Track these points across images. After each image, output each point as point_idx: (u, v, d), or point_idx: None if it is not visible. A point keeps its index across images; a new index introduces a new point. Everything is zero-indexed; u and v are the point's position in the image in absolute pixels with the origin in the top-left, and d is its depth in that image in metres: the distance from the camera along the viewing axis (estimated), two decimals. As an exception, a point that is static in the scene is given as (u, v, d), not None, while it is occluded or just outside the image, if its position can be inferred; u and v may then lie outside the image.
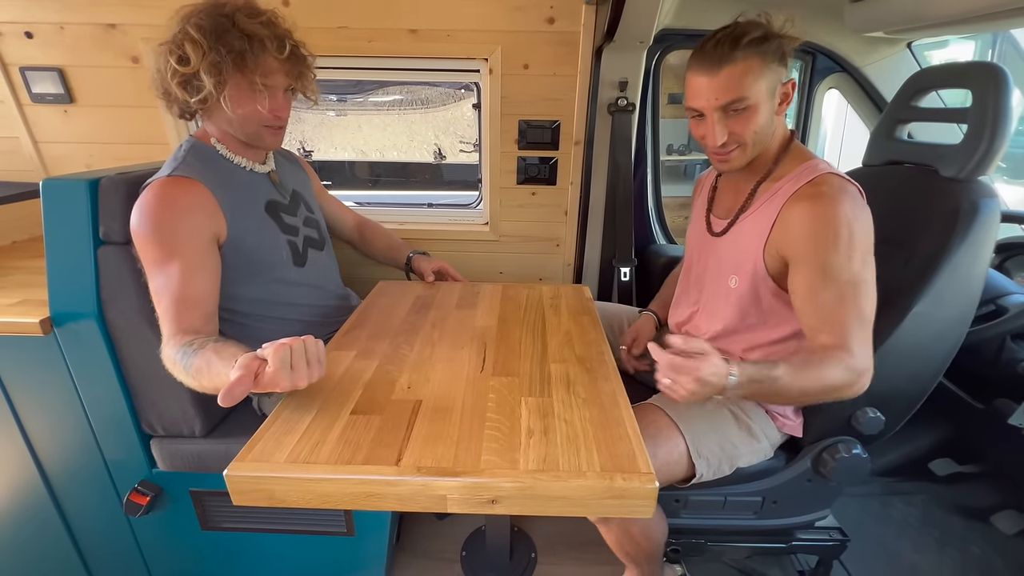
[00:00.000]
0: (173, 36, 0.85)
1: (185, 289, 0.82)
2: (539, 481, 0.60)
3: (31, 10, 1.34)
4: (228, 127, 0.95)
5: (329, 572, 1.22)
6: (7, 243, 1.39)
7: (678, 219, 2.06)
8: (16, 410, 1.05)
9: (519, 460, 0.62)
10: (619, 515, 0.67)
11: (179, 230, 0.84)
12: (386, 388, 0.78)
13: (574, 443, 0.66)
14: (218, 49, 0.83)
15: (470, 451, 0.64)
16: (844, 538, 1.11)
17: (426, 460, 0.62)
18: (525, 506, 0.61)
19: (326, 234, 1.20)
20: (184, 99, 0.87)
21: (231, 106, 0.88)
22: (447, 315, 1.07)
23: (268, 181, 1.06)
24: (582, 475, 0.60)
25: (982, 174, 0.90)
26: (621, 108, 1.44)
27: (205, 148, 0.97)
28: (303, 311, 1.08)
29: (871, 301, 0.80)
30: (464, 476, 0.60)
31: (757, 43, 0.82)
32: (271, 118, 0.94)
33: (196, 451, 1.06)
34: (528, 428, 0.69)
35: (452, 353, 0.90)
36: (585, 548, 1.34)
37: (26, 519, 1.16)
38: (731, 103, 0.83)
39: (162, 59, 0.86)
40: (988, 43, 2.50)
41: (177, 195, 0.86)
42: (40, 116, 1.47)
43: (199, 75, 0.84)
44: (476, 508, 0.61)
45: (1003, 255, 1.45)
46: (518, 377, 0.82)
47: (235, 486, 0.62)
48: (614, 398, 0.76)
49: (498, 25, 1.34)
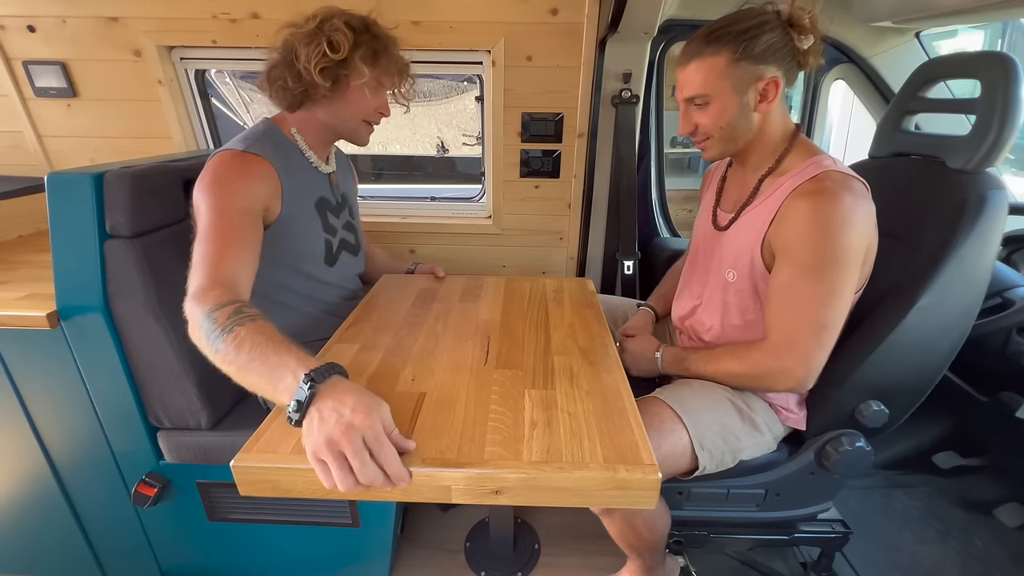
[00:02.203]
0: (318, 27, 0.92)
1: (230, 243, 0.80)
2: (542, 472, 0.60)
3: (33, 4, 1.34)
4: (331, 119, 1.01)
5: (334, 563, 1.23)
6: (13, 237, 1.40)
7: (682, 212, 2.05)
8: (25, 403, 1.06)
9: (523, 451, 0.63)
10: (622, 506, 0.68)
11: (237, 191, 0.86)
12: (390, 380, 0.78)
13: (577, 435, 0.66)
14: (366, 43, 0.94)
15: (474, 442, 0.64)
16: (847, 530, 1.11)
17: (430, 451, 0.62)
18: (528, 497, 0.61)
19: (362, 240, 1.24)
20: (319, 84, 0.93)
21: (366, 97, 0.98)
22: (451, 308, 1.07)
23: (326, 180, 1.11)
24: (585, 466, 0.61)
25: (990, 166, 0.89)
26: (625, 100, 1.43)
27: (280, 134, 1.01)
28: (321, 305, 1.10)
29: (837, 312, 0.82)
30: (468, 467, 0.60)
31: (734, 38, 0.81)
32: (376, 115, 1.04)
33: (202, 443, 1.07)
34: (532, 420, 0.69)
35: (456, 346, 0.90)
36: (588, 539, 1.35)
37: (36, 510, 1.18)
38: (693, 97, 0.88)
39: (305, 48, 0.91)
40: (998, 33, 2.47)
41: (246, 164, 0.90)
42: (43, 110, 1.47)
43: (348, 62, 0.93)
44: (480, 499, 0.61)
45: (1010, 248, 1.44)
46: (521, 370, 0.82)
47: (242, 477, 0.62)
48: (617, 390, 0.77)
49: (501, 16, 1.33)
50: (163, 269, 0.99)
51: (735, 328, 0.99)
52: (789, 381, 0.86)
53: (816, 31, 0.83)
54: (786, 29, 0.83)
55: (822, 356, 0.84)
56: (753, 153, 0.93)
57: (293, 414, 0.59)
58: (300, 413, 0.59)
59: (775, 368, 0.86)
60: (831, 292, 0.81)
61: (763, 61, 0.83)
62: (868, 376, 0.91)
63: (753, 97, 0.85)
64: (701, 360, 0.98)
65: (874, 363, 0.90)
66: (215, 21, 1.35)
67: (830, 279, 0.80)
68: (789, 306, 0.84)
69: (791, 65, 0.85)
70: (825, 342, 0.83)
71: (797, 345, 0.84)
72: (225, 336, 0.66)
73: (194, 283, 0.74)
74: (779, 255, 0.85)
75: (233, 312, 0.68)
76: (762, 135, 0.91)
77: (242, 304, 0.71)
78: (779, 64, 0.84)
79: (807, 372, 0.84)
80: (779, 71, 0.84)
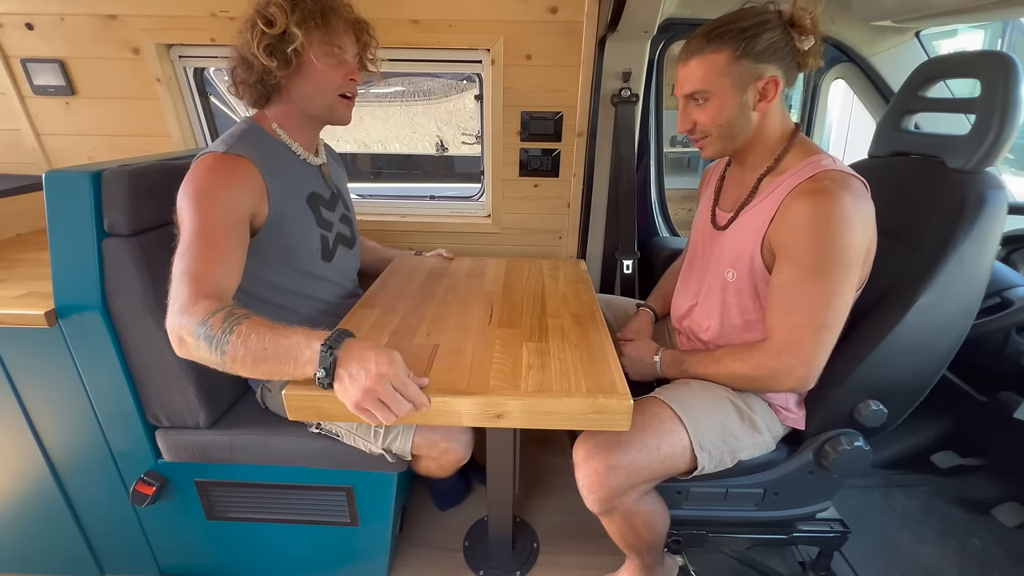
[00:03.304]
0: (256, 8, 0.90)
1: (211, 253, 0.81)
2: (537, 399, 0.73)
3: (32, 1, 1.34)
4: (303, 101, 0.98)
5: (333, 562, 1.23)
6: (11, 236, 1.40)
7: (681, 211, 2.05)
8: (23, 401, 1.06)
9: (520, 385, 0.76)
10: (601, 427, 0.76)
11: (219, 199, 0.85)
12: (409, 335, 0.91)
13: (565, 374, 0.79)
14: (302, 7, 0.89)
15: (480, 378, 0.76)
16: (845, 530, 1.11)
17: (445, 384, 0.74)
18: (524, 420, 0.74)
19: (357, 234, 1.22)
20: (268, 66, 0.90)
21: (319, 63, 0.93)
22: (458, 283, 1.18)
23: (318, 173, 1.09)
24: (571, 395, 0.74)
25: (989, 165, 0.89)
26: (624, 99, 1.43)
27: (262, 132, 0.99)
28: (319, 305, 1.09)
29: (839, 312, 0.82)
30: (476, 395, 0.73)
31: (735, 36, 0.81)
32: (345, 83, 0.98)
33: (200, 442, 1.07)
34: (528, 363, 0.82)
35: (463, 310, 1.03)
36: (587, 539, 1.35)
37: (34, 509, 1.18)
38: (693, 93, 0.89)
39: (247, 32, 0.90)
40: (998, 32, 2.47)
41: (227, 169, 0.88)
42: (42, 108, 1.47)
43: (288, 33, 0.88)
44: (485, 422, 0.74)
45: (1009, 247, 1.44)
46: (520, 328, 0.95)
47: (292, 403, 0.74)
48: (601, 343, 0.89)
49: (500, 15, 1.32)
50: (161, 267, 0.99)
51: (734, 328, 0.99)
52: (791, 381, 0.86)
53: (817, 32, 0.83)
54: (787, 29, 0.83)
55: (824, 356, 0.84)
56: (752, 152, 0.93)
57: (324, 380, 0.69)
58: (329, 377, 0.69)
59: (777, 368, 0.86)
60: (832, 292, 0.81)
61: (763, 60, 0.83)
62: (867, 376, 0.91)
63: (752, 96, 0.85)
64: (700, 362, 0.98)
65: (873, 363, 0.90)
66: (214, 19, 1.35)
67: (831, 279, 0.80)
68: (791, 307, 0.84)
69: (791, 65, 0.85)
70: (827, 342, 0.83)
71: (799, 346, 0.84)
72: (228, 337, 0.71)
73: (179, 298, 0.76)
74: (779, 255, 0.85)
75: (226, 315, 0.73)
76: (761, 134, 0.91)
77: (231, 306, 0.75)
78: (779, 64, 0.84)
79: (809, 372, 0.85)
80: (779, 71, 0.84)
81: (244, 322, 0.72)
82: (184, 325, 0.73)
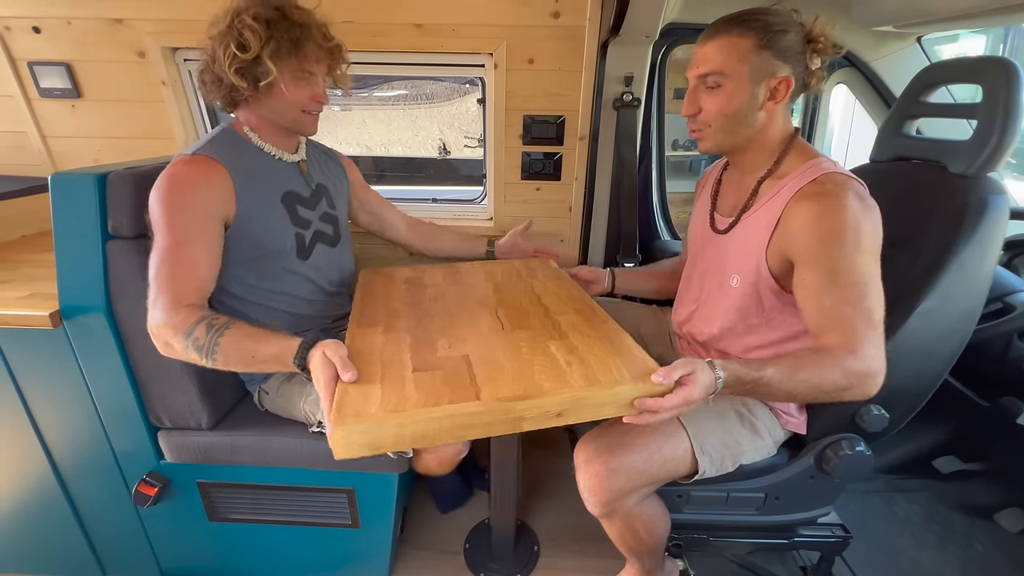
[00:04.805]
0: (229, 26, 0.89)
1: (185, 261, 0.86)
2: (591, 392, 0.73)
3: (39, 5, 1.35)
4: (270, 114, 1.00)
5: (334, 564, 1.23)
6: (16, 237, 1.41)
7: (682, 215, 2.05)
8: (27, 402, 1.06)
9: (569, 381, 0.75)
10: None
11: (189, 204, 0.88)
12: (431, 350, 0.86)
13: (605, 365, 0.79)
14: (277, 37, 0.89)
15: (530, 382, 0.75)
16: (846, 535, 1.11)
17: (504, 393, 0.72)
18: (582, 414, 0.74)
19: (344, 232, 1.21)
20: (238, 85, 0.91)
21: (288, 90, 0.95)
22: (444, 291, 1.13)
23: (295, 171, 1.09)
24: (620, 383, 0.74)
25: (991, 170, 0.89)
26: (626, 103, 1.43)
27: (236, 135, 1.01)
28: (292, 302, 1.09)
29: (879, 301, 0.79)
30: (534, 398, 0.72)
31: (764, 27, 0.82)
32: (312, 103, 1.00)
33: (203, 443, 1.07)
34: (565, 360, 0.81)
35: (470, 319, 0.98)
36: (587, 542, 1.35)
37: (37, 509, 1.18)
38: (708, 74, 0.86)
39: (219, 48, 0.90)
40: (1000, 37, 2.47)
41: (195, 172, 0.91)
42: (48, 111, 1.48)
43: (260, 60, 0.89)
44: (546, 422, 0.73)
45: (1011, 252, 1.44)
46: (534, 329, 0.93)
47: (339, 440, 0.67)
48: (617, 332, 0.90)
49: (503, 19, 1.33)
50: None
51: (736, 333, 0.99)
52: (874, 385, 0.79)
53: (827, 53, 0.84)
54: (805, 43, 0.84)
55: (882, 343, 0.79)
56: (750, 153, 0.93)
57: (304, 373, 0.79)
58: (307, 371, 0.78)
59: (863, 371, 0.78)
60: (868, 283, 0.78)
61: (782, 58, 0.83)
62: None
63: (764, 92, 0.85)
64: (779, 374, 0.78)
65: (875, 367, 0.90)
66: (219, 23, 1.36)
67: (861, 272, 0.78)
68: (834, 312, 0.79)
69: (801, 76, 0.86)
70: (882, 336, 0.79)
71: (866, 346, 0.77)
72: (215, 352, 0.80)
73: (159, 306, 0.83)
74: (798, 262, 0.83)
75: (206, 328, 0.81)
76: (762, 135, 0.91)
77: (210, 317, 0.82)
78: (793, 70, 0.84)
79: (880, 370, 0.79)
80: (792, 76, 0.84)
81: (224, 335, 0.80)
82: (169, 333, 0.82)
